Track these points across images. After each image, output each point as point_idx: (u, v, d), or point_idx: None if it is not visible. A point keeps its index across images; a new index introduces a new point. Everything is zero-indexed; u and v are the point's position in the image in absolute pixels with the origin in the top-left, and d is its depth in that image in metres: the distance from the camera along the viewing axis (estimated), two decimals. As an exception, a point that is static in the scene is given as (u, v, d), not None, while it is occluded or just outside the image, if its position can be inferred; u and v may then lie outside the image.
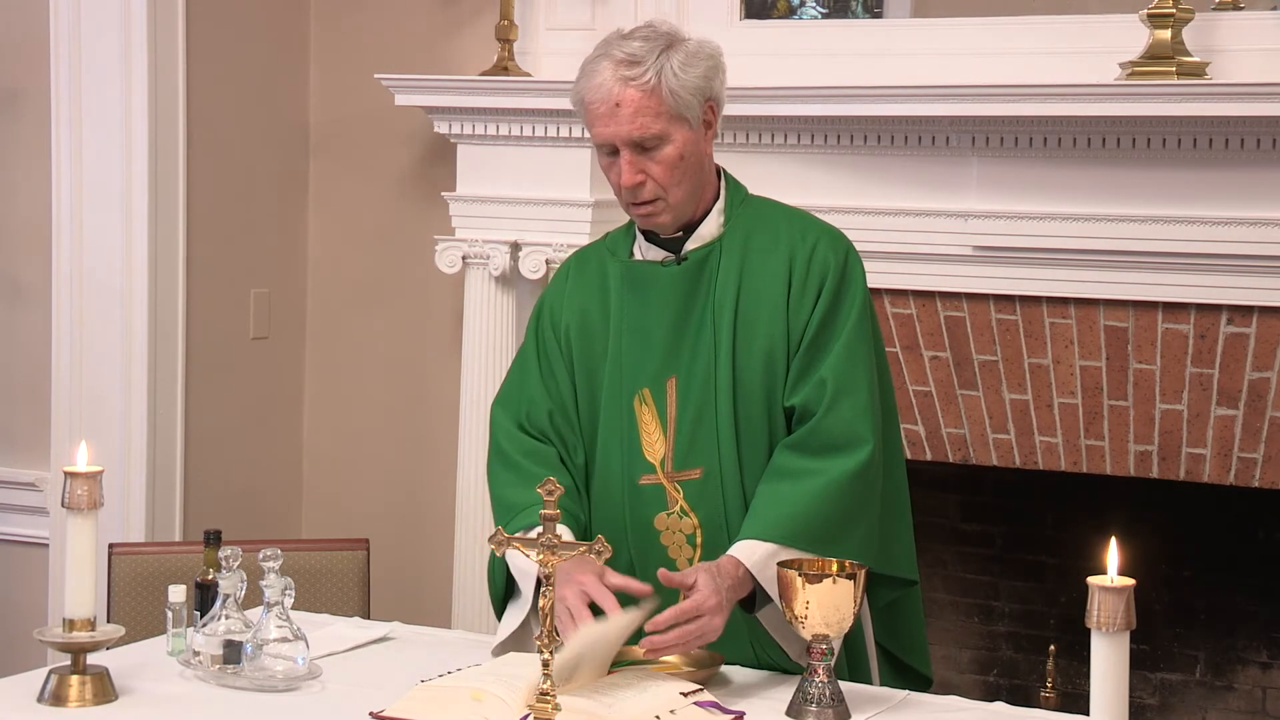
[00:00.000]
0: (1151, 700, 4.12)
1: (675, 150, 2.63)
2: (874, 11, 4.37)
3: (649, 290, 2.72)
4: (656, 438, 2.69)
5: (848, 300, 2.69)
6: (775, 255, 2.70)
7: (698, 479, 2.67)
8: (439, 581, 4.32)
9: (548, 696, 2.17)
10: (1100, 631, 2.02)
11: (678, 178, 2.64)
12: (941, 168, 3.82)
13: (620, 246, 2.80)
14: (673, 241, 2.73)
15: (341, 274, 4.60)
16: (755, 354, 2.66)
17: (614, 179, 2.67)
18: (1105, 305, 3.72)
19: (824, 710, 2.35)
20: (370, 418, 4.58)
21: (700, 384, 2.67)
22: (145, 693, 2.45)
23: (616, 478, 2.72)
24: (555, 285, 2.87)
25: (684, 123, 2.64)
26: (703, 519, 2.67)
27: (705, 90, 2.66)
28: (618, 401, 2.72)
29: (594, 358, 2.75)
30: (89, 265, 4.19)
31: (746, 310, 2.67)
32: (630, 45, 2.63)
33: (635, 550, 2.70)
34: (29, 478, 4.41)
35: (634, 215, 2.71)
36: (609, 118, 2.61)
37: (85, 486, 2.39)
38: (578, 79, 2.68)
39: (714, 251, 2.71)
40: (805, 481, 2.59)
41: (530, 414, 2.78)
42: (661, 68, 2.61)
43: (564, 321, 2.78)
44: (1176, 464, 3.69)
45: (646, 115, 2.61)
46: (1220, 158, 3.58)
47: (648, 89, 2.60)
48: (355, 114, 4.52)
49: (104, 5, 4.13)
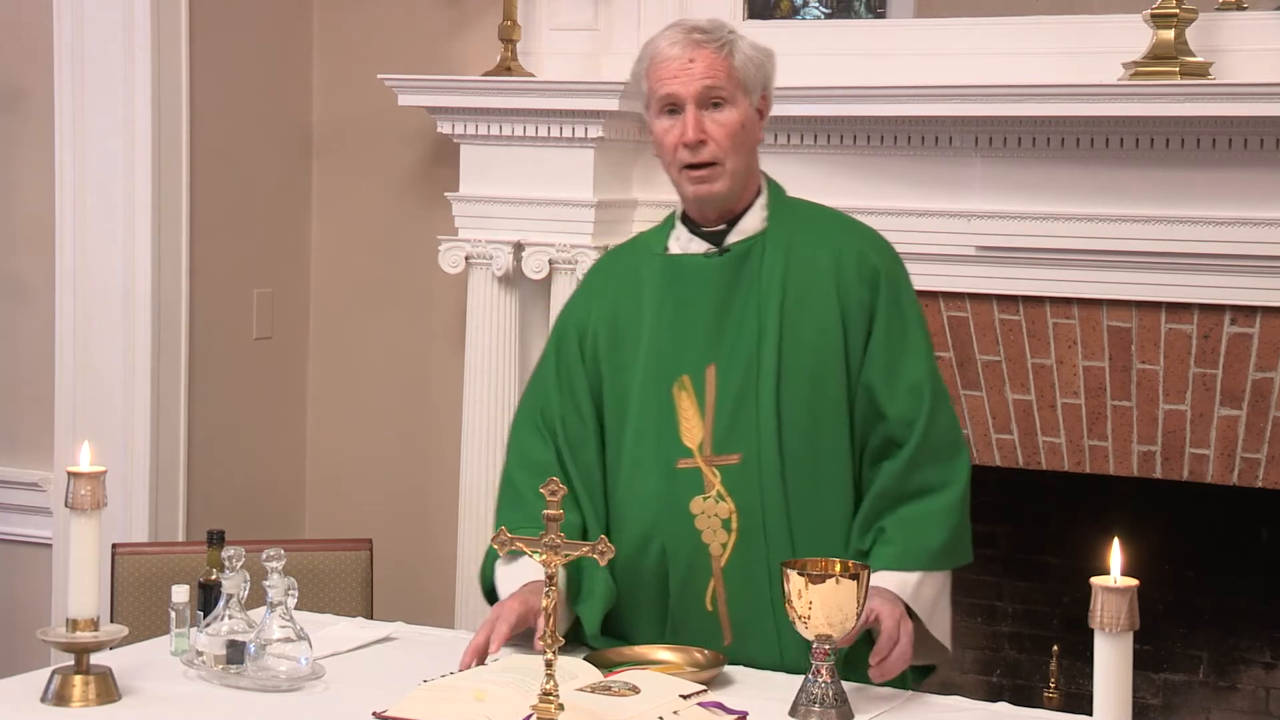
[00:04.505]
0: (1155, 701, 4.12)
1: (738, 116, 2.69)
2: (877, 12, 4.37)
3: (691, 281, 2.75)
4: (695, 423, 2.70)
5: (905, 301, 2.75)
6: (821, 252, 2.73)
7: (736, 464, 2.68)
8: (442, 582, 4.32)
9: (550, 696, 2.17)
10: (1103, 632, 2.02)
11: (737, 144, 2.69)
12: (945, 168, 3.82)
13: (655, 242, 2.82)
14: (714, 235, 2.75)
15: (345, 274, 4.61)
16: (804, 347, 2.69)
17: (672, 139, 2.70)
18: (1109, 305, 3.72)
19: (827, 710, 2.35)
20: (373, 418, 4.58)
21: (741, 371, 2.68)
22: (148, 693, 2.45)
23: (652, 463, 2.72)
24: (579, 297, 2.91)
25: (747, 95, 2.72)
26: (739, 504, 2.67)
27: (765, 77, 2.75)
28: (655, 389, 2.73)
29: (625, 353, 2.77)
30: (92, 265, 4.19)
31: (793, 303, 2.70)
32: (699, 22, 2.75)
33: (669, 535, 2.70)
34: (32, 478, 4.40)
35: (688, 181, 2.72)
36: (681, 71, 2.68)
37: (88, 486, 2.40)
38: (644, 49, 2.75)
39: (757, 244, 2.73)
40: (935, 499, 2.69)
41: (545, 413, 2.82)
42: (732, 41, 2.72)
43: (590, 329, 2.81)
44: (1180, 464, 3.69)
45: (719, 71, 2.68)
46: (1224, 158, 3.57)
47: (721, 54, 2.69)
48: (358, 114, 4.52)
49: (107, 5, 4.13)
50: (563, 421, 2.79)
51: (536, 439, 2.82)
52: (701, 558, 2.68)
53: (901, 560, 2.63)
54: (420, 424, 4.52)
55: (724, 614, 2.69)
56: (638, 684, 2.39)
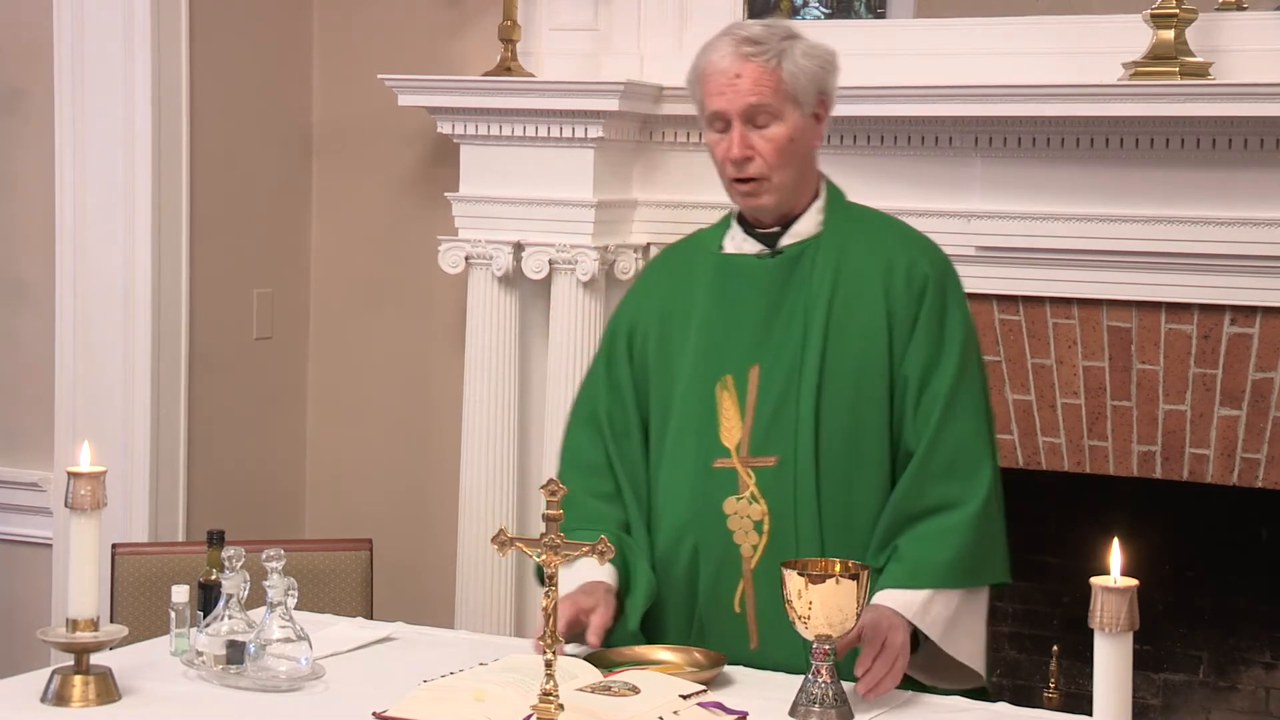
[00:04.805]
0: (1155, 701, 4.12)
1: (786, 131, 2.68)
2: (877, 12, 4.37)
3: (741, 281, 2.75)
4: (735, 423, 2.70)
5: (951, 316, 2.72)
6: (873, 259, 2.72)
7: (772, 466, 2.67)
8: (442, 582, 4.32)
9: (550, 696, 2.17)
10: (1103, 632, 2.02)
11: (784, 160, 2.69)
12: (945, 168, 3.82)
13: (711, 240, 2.83)
14: (768, 237, 2.75)
15: (345, 274, 4.61)
16: (848, 353, 2.68)
17: (720, 153, 2.71)
18: (1109, 305, 3.72)
19: (827, 710, 2.35)
20: (373, 418, 4.58)
21: (784, 374, 2.68)
22: (148, 693, 2.45)
23: (690, 461, 2.73)
24: (633, 294, 2.93)
25: (798, 107, 2.69)
26: (772, 506, 2.67)
27: (821, 82, 2.72)
28: (699, 387, 2.73)
29: (673, 349, 2.78)
30: (92, 265, 4.19)
31: (841, 309, 2.69)
32: (753, 29, 2.72)
33: (700, 534, 2.70)
34: (32, 478, 4.40)
35: (736, 194, 2.73)
36: (727, 88, 2.67)
37: (88, 487, 2.40)
38: (697, 56, 2.74)
39: (810, 248, 2.73)
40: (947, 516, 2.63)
41: (594, 411, 2.84)
42: (783, 51, 2.68)
43: (640, 326, 2.83)
44: (1180, 464, 3.69)
45: (765, 88, 2.66)
46: (1224, 158, 3.57)
47: (769, 67, 2.67)
48: (358, 114, 4.52)
49: (107, 5, 4.13)
50: (610, 418, 2.81)
51: (587, 438, 2.84)
52: (732, 558, 2.68)
53: (907, 577, 2.60)
54: (420, 424, 4.52)
55: (751, 617, 2.68)
56: (638, 684, 2.39)
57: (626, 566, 2.72)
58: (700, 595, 2.72)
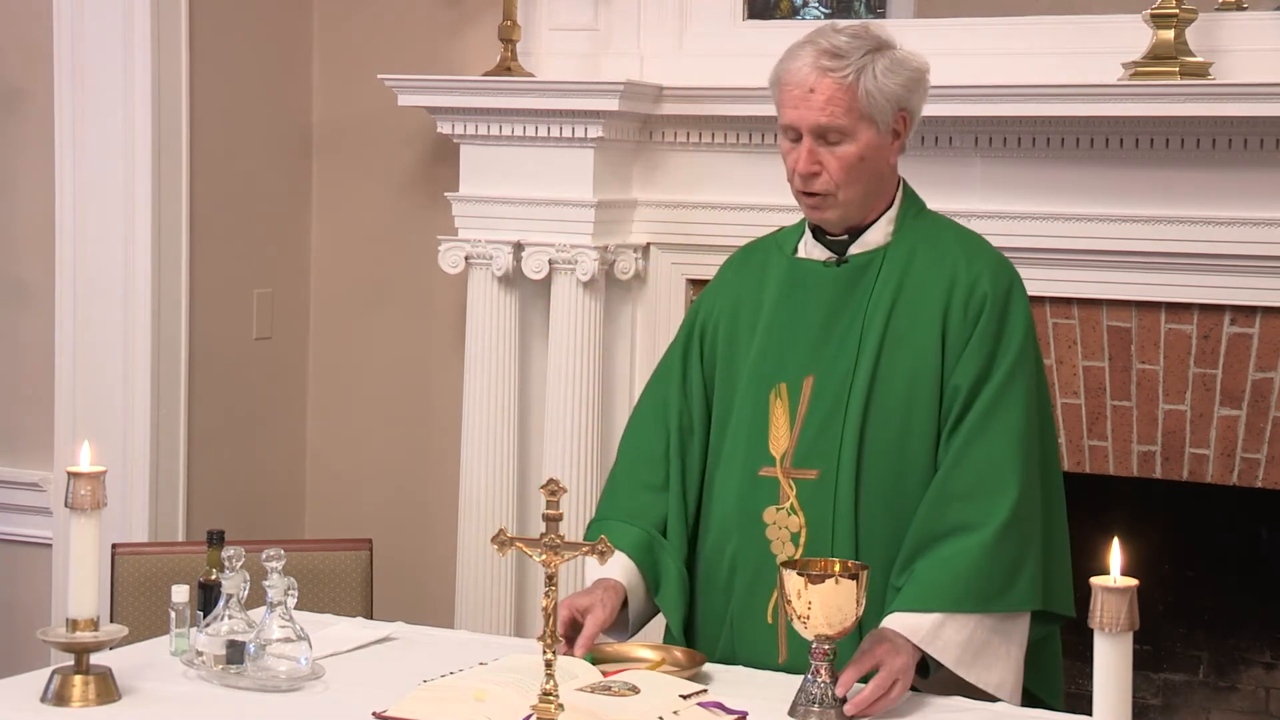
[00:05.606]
0: (1155, 701, 4.12)
1: (856, 150, 2.64)
2: (877, 12, 4.37)
3: (805, 288, 2.74)
4: (783, 433, 2.69)
5: (1006, 338, 2.66)
6: (937, 273, 2.69)
7: (813, 479, 2.66)
8: (442, 581, 4.32)
9: (550, 696, 2.17)
10: (1103, 632, 2.02)
11: (852, 178, 2.65)
12: (944, 168, 3.82)
13: (788, 242, 2.81)
14: (839, 244, 2.74)
15: (345, 274, 4.61)
16: (900, 368, 2.65)
17: (790, 164, 2.69)
18: (1108, 305, 3.72)
19: (826, 710, 2.35)
20: (373, 418, 4.58)
21: (836, 387, 2.66)
22: (148, 693, 2.45)
23: (739, 467, 2.72)
24: (710, 290, 2.91)
25: (872, 125, 2.65)
26: (809, 519, 2.65)
27: (901, 100, 2.66)
28: (755, 393, 2.72)
29: (739, 350, 2.78)
30: (92, 265, 4.19)
31: (898, 323, 2.67)
32: (838, 39, 2.65)
33: (740, 541, 2.70)
34: (32, 478, 4.40)
35: (802, 204, 2.72)
36: (801, 101, 2.63)
37: (88, 486, 2.39)
38: (779, 61, 2.69)
39: (876, 259, 2.71)
40: (964, 538, 2.57)
41: (665, 402, 2.83)
42: (863, 67, 2.63)
43: (715, 320, 2.82)
44: (1180, 464, 3.69)
45: (838, 107, 2.62)
46: (1224, 158, 3.58)
47: (844, 84, 2.62)
48: (358, 114, 4.52)
49: (107, 5, 4.12)
50: (678, 411, 2.82)
51: (651, 425, 2.84)
52: (768, 568, 2.63)
53: (917, 600, 2.55)
54: (420, 424, 4.52)
55: (782, 629, 2.65)
56: (638, 684, 2.39)
57: (657, 567, 2.72)
58: (735, 603, 2.71)
